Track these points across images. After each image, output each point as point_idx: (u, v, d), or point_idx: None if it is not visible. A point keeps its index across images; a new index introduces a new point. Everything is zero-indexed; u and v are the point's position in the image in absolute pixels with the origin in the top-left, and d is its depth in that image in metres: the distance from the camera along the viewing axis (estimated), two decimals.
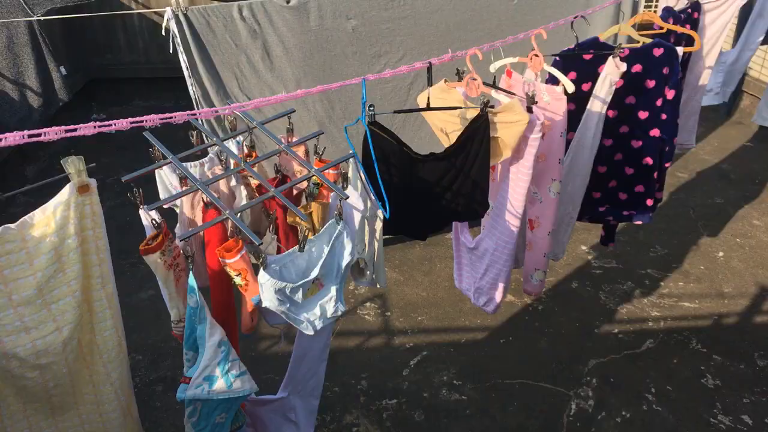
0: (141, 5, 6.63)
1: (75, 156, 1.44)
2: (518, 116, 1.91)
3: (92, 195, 1.49)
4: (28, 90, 4.57)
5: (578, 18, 2.49)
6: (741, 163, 5.21)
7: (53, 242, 1.46)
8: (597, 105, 2.36)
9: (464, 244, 2.38)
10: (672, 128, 2.58)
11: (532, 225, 2.46)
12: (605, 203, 2.82)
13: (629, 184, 2.73)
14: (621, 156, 2.67)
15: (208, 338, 1.53)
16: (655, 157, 2.63)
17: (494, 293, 2.37)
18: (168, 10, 2.88)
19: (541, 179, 2.31)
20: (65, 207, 1.46)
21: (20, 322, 1.47)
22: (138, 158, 1.73)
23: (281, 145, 1.76)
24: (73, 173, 1.44)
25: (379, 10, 3.17)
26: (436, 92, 2.06)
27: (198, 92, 3.09)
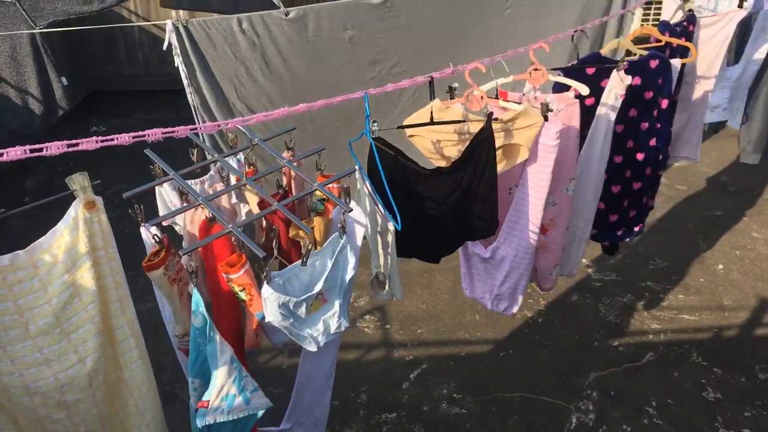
0: (141, 18, 6.67)
1: (79, 173, 1.41)
2: (533, 119, 1.93)
3: (100, 212, 1.44)
4: (30, 97, 4.62)
5: (578, 32, 2.50)
6: (739, 176, 5.22)
7: (65, 265, 1.39)
8: (604, 118, 2.37)
9: (477, 255, 2.36)
10: (665, 137, 2.61)
11: (546, 229, 2.45)
12: (622, 225, 2.80)
13: (638, 199, 2.73)
14: (630, 172, 2.67)
15: (220, 356, 1.48)
16: (654, 166, 2.66)
17: (516, 296, 2.39)
18: (168, 23, 2.89)
19: (558, 184, 2.31)
20: (74, 226, 1.40)
21: (40, 354, 1.38)
22: (138, 170, 1.73)
23: (282, 160, 1.76)
24: (79, 190, 1.40)
25: (375, 21, 3.19)
26: (434, 111, 2.06)
27: (197, 101, 3.11)
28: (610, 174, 2.62)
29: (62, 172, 5.49)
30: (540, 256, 2.55)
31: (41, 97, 4.60)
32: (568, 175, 2.31)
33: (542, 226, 2.43)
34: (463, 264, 2.47)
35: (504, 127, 1.99)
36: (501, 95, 2.19)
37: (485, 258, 2.34)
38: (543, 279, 2.63)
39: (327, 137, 3.34)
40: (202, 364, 1.53)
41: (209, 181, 1.91)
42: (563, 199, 2.36)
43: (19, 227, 4.40)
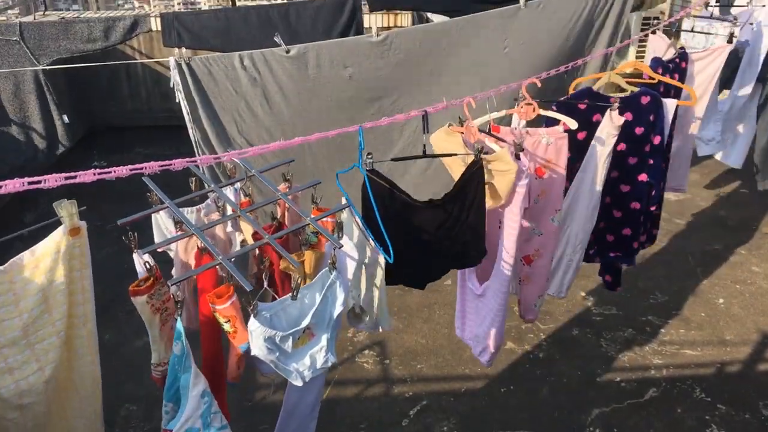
0: (145, 56, 6.78)
1: (68, 200, 1.47)
2: (508, 165, 1.94)
3: (82, 237, 1.52)
4: (33, 133, 4.68)
5: (569, 68, 2.54)
6: (737, 209, 5.23)
7: (41, 284, 1.47)
8: (597, 155, 2.40)
9: (471, 291, 2.35)
10: (658, 173, 2.63)
11: (530, 259, 2.46)
12: (594, 245, 2.84)
13: (617, 226, 2.77)
14: (609, 200, 2.71)
15: (192, 388, 1.50)
16: (642, 201, 2.68)
17: (488, 342, 2.35)
18: (171, 60, 2.95)
19: (543, 215, 2.33)
20: (55, 249, 1.48)
21: (4, 364, 1.47)
22: (138, 206, 1.74)
23: (277, 192, 1.77)
24: (66, 217, 1.46)
25: (375, 59, 3.24)
26: (441, 135, 2.12)
27: (198, 135, 3.15)
28: None
29: None
30: (524, 287, 2.57)
31: (43, 133, 4.68)
32: (555, 206, 2.33)
33: (526, 256, 2.44)
34: (460, 301, 2.46)
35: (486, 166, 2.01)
36: (494, 129, 2.23)
37: (477, 295, 2.33)
38: (527, 310, 2.64)
39: (326, 172, 3.36)
40: (176, 391, 1.55)
41: (205, 209, 1.93)
42: (549, 229, 2.39)
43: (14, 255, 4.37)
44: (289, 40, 3.21)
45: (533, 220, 2.36)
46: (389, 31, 3.24)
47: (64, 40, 4.24)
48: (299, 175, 1.95)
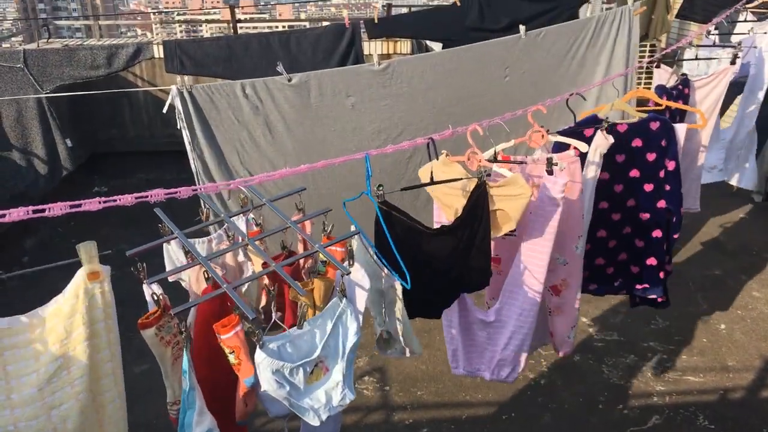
0: (147, 83, 6.84)
1: (89, 242, 1.40)
2: (520, 189, 1.94)
3: (103, 282, 1.41)
4: (35, 158, 4.70)
5: (574, 95, 2.56)
6: (737, 235, 5.24)
7: (58, 335, 1.35)
8: (590, 174, 2.41)
9: (479, 321, 2.29)
10: (676, 198, 2.58)
11: (558, 290, 2.41)
12: (619, 277, 2.79)
13: (640, 256, 2.71)
14: (630, 229, 2.67)
15: (195, 427, 1.43)
16: (664, 228, 2.63)
17: (519, 359, 2.30)
18: (173, 88, 2.97)
19: (565, 241, 2.30)
20: (74, 294, 1.38)
21: (13, 427, 1.30)
22: (140, 230, 1.74)
23: (287, 221, 1.76)
24: (85, 258, 1.39)
25: (377, 88, 3.27)
26: (439, 166, 2.10)
27: (199, 166, 3.14)
28: (608, 230, 2.63)
29: (62, 233, 5.52)
30: (555, 319, 2.50)
31: (46, 158, 4.70)
32: (576, 232, 2.31)
33: (555, 286, 2.41)
34: (457, 339, 2.35)
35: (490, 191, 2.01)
36: (503, 159, 2.24)
37: (489, 322, 2.28)
38: (561, 343, 2.55)
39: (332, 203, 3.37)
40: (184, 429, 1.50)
41: (216, 240, 1.93)
42: (573, 258, 2.35)
43: (17, 288, 4.36)
44: (289, 67, 3.24)
45: (557, 249, 2.30)
46: (391, 60, 3.28)
47: (68, 66, 4.28)
48: (305, 207, 1.96)
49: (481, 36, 3.69)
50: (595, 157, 2.39)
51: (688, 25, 6.60)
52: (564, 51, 3.66)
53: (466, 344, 2.38)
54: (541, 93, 3.46)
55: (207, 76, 3.86)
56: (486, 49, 3.47)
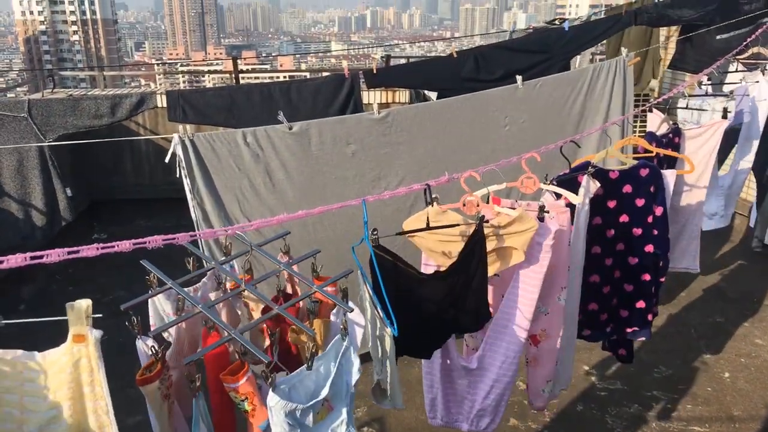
0: (149, 131, 6.93)
1: (83, 300, 1.37)
2: (528, 224, 1.97)
3: (89, 346, 1.34)
4: (32, 210, 4.69)
5: (568, 143, 2.60)
6: (737, 281, 5.22)
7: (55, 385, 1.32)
8: (581, 219, 2.43)
9: (460, 368, 2.28)
10: (664, 243, 2.63)
11: (537, 340, 2.41)
12: (610, 322, 2.80)
13: (630, 300, 2.74)
14: (619, 273, 2.70)
15: None
16: (651, 272, 2.67)
17: (499, 409, 2.28)
18: (175, 136, 3.01)
19: (549, 291, 2.31)
20: (63, 352, 1.33)
21: None
22: (135, 278, 1.73)
23: (280, 264, 1.77)
24: (72, 320, 1.34)
25: (377, 136, 3.31)
26: (431, 216, 2.10)
27: (199, 214, 3.15)
28: (601, 275, 2.64)
29: (60, 280, 5.50)
30: (531, 370, 2.49)
31: (44, 209, 4.69)
32: (561, 283, 2.32)
33: (534, 336, 2.40)
34: (436, 386, 2.34)
35: (497, 231, 2.03)
36: (494, 201, 2.25)
37: (470, 369, 2.26)
38: (535, 396, 2.54)
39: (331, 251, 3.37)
40: None
41: (202, 288, 1.90)
42: (555, 309, 2.35)
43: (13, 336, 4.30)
44: (290, 116, 3.29)
45: (540, 298, 2.31)
46: (390, 109, 3.33)
47: (71, 116, 4.34)
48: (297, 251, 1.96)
49: (477, 86, 3.77)
50: (585, 203, 2.42)
51: (681, 75, 6.75)
52: (563, 100, 3.73)
53: (445, 392, 2.36)
54: (541, 142, 3.49)
55: (209, 125, 3.91)
56: (485, 98, 3.53)
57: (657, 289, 2.76)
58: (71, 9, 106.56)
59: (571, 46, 4.41)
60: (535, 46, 4.42)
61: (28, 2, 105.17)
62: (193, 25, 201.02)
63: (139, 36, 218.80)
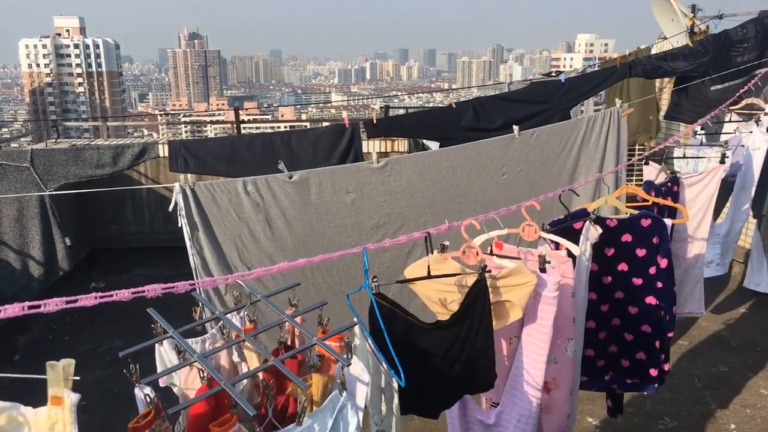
0: (151, 180, 6.98)
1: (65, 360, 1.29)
2: (526, 278, 1.94)
3: (65, 411, 1.26)
4: (30, 260, 4.67)
5: (566, 191, 2.62)
6: (740, 330, 5.17)
7: None
8: (582, 266, 2.42)
9: (480, 422, 2.24)
10: (669, 296, 2.60)
11: (549, 387, 2.38)
12: (609, 370, 2.76)
13: (630, 350, 2.70)
14: (619, 321, 2.67)
15: None
16: (654, 325, 2.63)
17: None
18: (176, 185, 3.03)
19: (555, 341, 2.28)
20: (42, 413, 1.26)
21: None
22: (133, 327, 1.71)
23: (283, 315, 1.75)
24: (51, 380, 1.27)
25: (376, 185, 3.34)
26: (432, 263, 2.10)
27: (198, 262, 3.14)
28: (597, 321, 2.63)
29: (57, 329, 5.44)
30: (545, 417, 2.45)
31: (42, 259, 4.67)
32: (567, 334, 2.29)
33: (546, 383, 2.36)
34: None
35: (494, 283, 2.01)
36: (496, 245, 2.26)
37: (489, 425, 2.23)
38: None
39: (331, 299, 3.35)
40: None
41: (210, 339, 1.89)
42: (564, 359, 2.33)
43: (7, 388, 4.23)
44: (290, 166, 3.32)
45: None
46: (389, 158, 3.37)
47: (73, 165, 4.37)
48: (303, 302, 1.95)
49: (476, 135, 3.82)
50: (585, 249, 2.42)
51: (677, 125, 6.85)
52: (558, 149, 3.78)
53: None
54: (539, 190, 3.54)
55: (210, 175, 3.94)
56: (482, 147, 3.58)
57: (662, 343, 2.71)
58: (77, 62, 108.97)
59: (568, 96, 4.49)
60: (533, 97, 4.50)
61: (35, 56, 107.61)
62: (197, 77, 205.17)
63: (143, 88, 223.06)
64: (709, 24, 5.50)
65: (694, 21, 5.57)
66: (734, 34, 4.81)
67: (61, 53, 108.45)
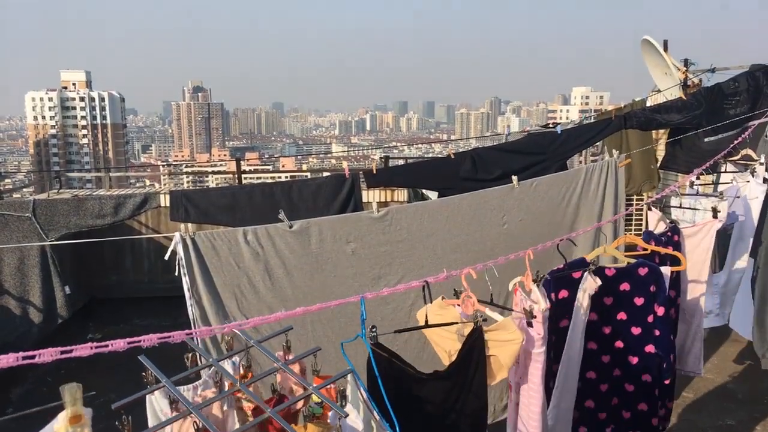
0: (152, 230, 7.01)
1: (75, 383, 1.37)
2: (512, 335, 1.93)
3: (84, 427, 1.37)
4: (30, 307, 4.66)
5: (564, 241, 2.63)
6: (745, 382, 5.08)
7: None
8: (579, 317, 2.41)
9: None
10: (667, 344, 2.59)
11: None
12: (610, 423, 2.71)
13: (631, 401, 2.67)
14: (619, 372, 2.64)
15: None
16: (654, 373, 2.61)
17: None
18: (176, 235, 3.03)
19: None
20: None
21: None
22: (129, 378, 1.69)
23: (278, 363, 1.73)
24: (68, 402, 1.36)
25: (377, 234, 3.34)
26: (435, 309, 2.11)
27: (197, 313, 3.12)
28: (598, 372, 2.59)
29: (52, 381, 5.35)
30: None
31: (42, 307, 4.68)
32: None
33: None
34: None
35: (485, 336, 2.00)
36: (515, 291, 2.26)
37: None
38: None
39: (330, 351, 3.31)
40: None
41: (202, 386, 1.86)
42: None
43: None
44: (291, 215, 3.33)
45: None
46: (389, 208, 3.38)
47: (75, 215, 4.41)
48: (295, 349, 1.93)
49: (475, 185, 3.85)
50: (583, 300, 2.41)
51: (674, 176, 6.91)
52: (558, 199, 3.80)
53: None
54: (538, 239, 3.54)
55: (211, 224, 3.95)
56: (482, 197, 3.60)
57: (663, 392, 2.68)
58: (82, 114, 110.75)
59: (564, 148, 4.55)
60: (530, 148, 4.56)
61: (41, 108, 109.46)
62: (199, 128, 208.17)
63: (146, 139, 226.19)
64: (702, 77, 5.63)
65: (686, 74, 5.70)
66: (726, 87, 4.91)
67: (67, 105, 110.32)
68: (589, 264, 2.61)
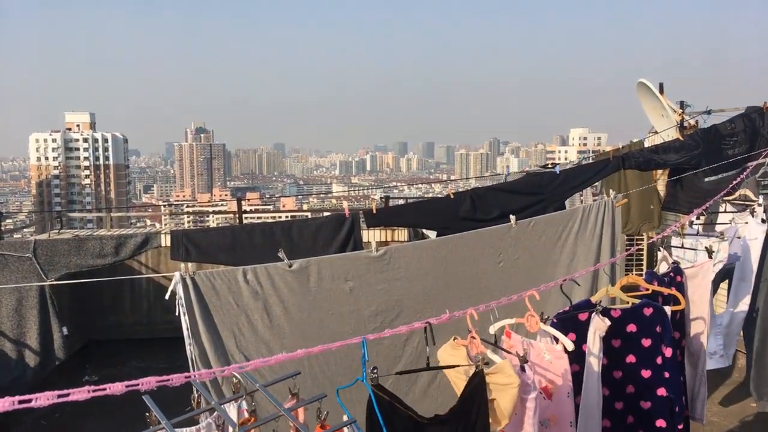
0: (151, 270, 6.99)
1: None
2: (509, 379, 1.91)
3: None
4: (26, 349, 4.60)
5: (567, 281, 2.62)
6: (750, 426, 4.99)
7: None
8: (593, 360, 2.37)
9: None
10: (677, 386, 2.53)
11: None
12: None
13: None
14: (633, 419, 2.57)
15: None
16: (667, 418, 2.54)
17: None
18: (176, 274, 3.03)
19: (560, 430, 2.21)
20: None
21: None
22: (126, 422, 1.66)
23: (280, 408, 1.71)
24: None
25: (375, 272, 3.35)
26: (447, 349, 2.11)
27: (195, 352, 3.09)
28: (612, 420, 2.53)
29: (47, 425, 5.25)
30: None
31: (38, 349, 4.62)
32: (567, 418, 2.23)
33: None
34: None
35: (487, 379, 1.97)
36: (506, 334, 2.24)
37: None
38: None
39: (328, 386, 3.27)
40: None
41: (205, 429, 1.83)
42: None
43: None
44: (291, 255, 3.34)
45: None
46: (388, 247, 3.39)
47: (75, 255, 4.40)
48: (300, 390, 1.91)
49: (474, 225, 3.87)
50: (595, 342, 2.38)
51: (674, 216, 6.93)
52: (555, 239, 3.81)
53: None
54: (535, 278, 3.54)
55: (212, 263, 3.95)
56: (479, 236, 3.61)
57: None
58: (85, 155, 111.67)
59: (563, 188, 4.58)
60: (528, 188, 4.59)
61: (44, 149, 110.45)
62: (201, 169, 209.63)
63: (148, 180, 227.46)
64: (698, 119, 5.70)
65: (683, 116, 5.78)
66: (723, 128, 4.97)
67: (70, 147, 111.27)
68: (595, 305, 2.59)
